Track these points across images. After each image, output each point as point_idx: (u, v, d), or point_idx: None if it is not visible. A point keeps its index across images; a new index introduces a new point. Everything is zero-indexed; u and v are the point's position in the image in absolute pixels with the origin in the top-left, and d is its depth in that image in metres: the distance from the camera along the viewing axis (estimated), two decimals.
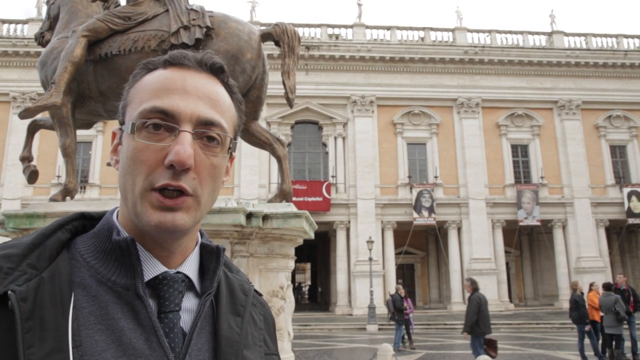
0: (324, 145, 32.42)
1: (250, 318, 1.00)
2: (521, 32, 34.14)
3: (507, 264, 32.48)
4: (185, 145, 0.86)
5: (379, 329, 22.70)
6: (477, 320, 10.64)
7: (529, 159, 32.80)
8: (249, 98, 4.98)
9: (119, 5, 5.34)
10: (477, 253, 30.46)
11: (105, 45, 4.78)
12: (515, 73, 33.00)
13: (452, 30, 33.78)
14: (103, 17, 4.82)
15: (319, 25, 33.33)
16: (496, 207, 31.48)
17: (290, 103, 4.97)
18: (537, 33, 34.31)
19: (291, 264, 4.71)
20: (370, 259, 26.18)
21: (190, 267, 0.95)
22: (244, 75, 4.75)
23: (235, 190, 29.97)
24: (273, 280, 4.37)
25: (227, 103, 0.97)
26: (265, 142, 5.08)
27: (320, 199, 29.98)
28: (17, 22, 31.96)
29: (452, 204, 31.30)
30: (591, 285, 13.69)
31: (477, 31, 34.07)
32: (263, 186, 30.45)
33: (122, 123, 0.94)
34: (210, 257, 0.99)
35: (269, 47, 5.52)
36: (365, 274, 27.51)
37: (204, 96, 0.92)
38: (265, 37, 5.02)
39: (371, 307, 23.52)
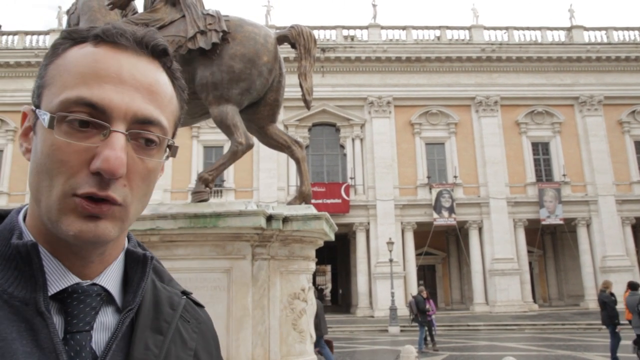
0: (342, 147, 32.38)
1: (178, 336, 0.84)
2: (539, 28, 33.66)
3: (530, 263, 32.00)
4: (117, 151, 0.72)
5: (401, 331, 22.55)
6: None
7: (550, 156, 32.28)
8: (267, 101, 4.99)
9: (136, 12, 5.40)
10: (499, 253, 30.07)
11: None
12: (534, 70, 32.55)
13: (469, 29, 33.48)
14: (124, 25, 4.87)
15: (334, 27, 33.34)
16: (517, 206, 31.04)
17: (307, 105, 4.96)
18: (556, 28, 33.81)
19: (312, 265, 4.69)
20: (391, 260, 26.05)
21: (110, 278, 0.81)
22: (261, 78, 4.76)
23: (254, 193, 30.13)
24: (294, 282, 4.36)
25: (169, 94, 0.83)
26: (284, 144, 5.08)
27: (339, 200, 29.94)
28: (38, 33, 32.67)
29: (473, 203, 30.97)
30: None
31: (494, 28, 33.71)
32: (282, 189, 30.53)
33: (36, 106, 0.78)
34: (135, 266, 0.85)
35: (284, 50, 5.52)
36: (386, 275, 27.37)
37: (142, 87, 0.77)
38: (282, 39, 5.02)
39: (392, 309, 23.38)
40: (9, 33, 33.34)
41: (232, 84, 4.61)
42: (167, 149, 0.83)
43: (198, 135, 31.16)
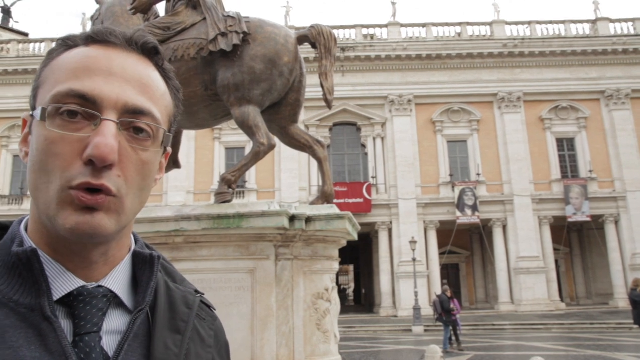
0: (363, 146, 32.30)
1: (196, 335, 0.85)
2: (563, 22, 33.03)
3: (556, 261, 31.42)
4: (107, 137, 0.72)
5: (425, 331, 22.38)
6: None
7: (576, 152, 31.66)
8: (288, 101, 5.00)
9: (158, 16, 5.46)
10: (524, 251, 29.61)
11: None
12: (558, 64, 31.96)
13: (490, 24, 33.05)
14: (144, 28, 4.93)
15: (354, 26, 33.26)
16: (542, 203, 30.53)
17: (328, 104, 4.95)
18: (580, 21, 33.12)
19: (335, 265, 4.67)
20: (414, 260, 25.88)
21: (117, 280, 0.81)
22: (282, 78, 4.76)
23: (276, 194, 30.27)
24: (318, 282, 4.35)
25: (162, 89, 0.84)
26: (305, 144, 5.07)
27: (361, 200, 29.86)
28: None
29: (496, 201, 30.56)
30: None
31: (516, 23, 33.21)
32: (304, 189, 30.59)
33: (33, 108, 0.79)
34: (143, 267, 0.85)
35: (305, 51, 5.52)
36: (409, 274, 27.21)
37: (132, 79, 0.78)
38: (302, 39, 5.02)
39: (416, 309, 23.22)
40: (36, 41, 34.16)
41: (253, 85, 4.63)
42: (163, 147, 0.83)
43: (220, 136, 31.43)
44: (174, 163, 5.14)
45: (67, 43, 0.81)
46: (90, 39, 0.80)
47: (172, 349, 0.80)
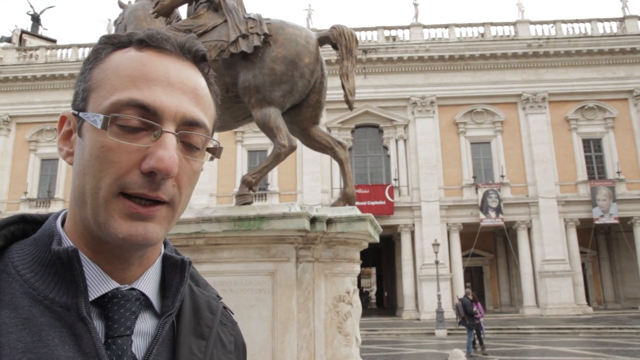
0: (385, 148, 32.15)
1: (218, 341, 0.86)
2: (589, 20, 32.37)
3: (582, 265, 30.71)
4: (170, 150, 0.73)
5: (448, 334, 22.11)
6: None
7: (603, 153, 30.97)
8: (309, 102, 4.98)
9: (180, 19, 5.51)
10: (549, 254, 29.06)
11: None
12: (584, 64, 31.33)
13: (514, 24, 32.59)
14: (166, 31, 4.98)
15: (376, 28, 33.16)
16: (568, 205, 29.92)
17: (350, 105, 4.91)
18: (607, 20, 32.41)
19: (357, 268, 4.63)
20: (437, 262, 25.64)
21: (148, 283, 0.82)
22: (303, 80, 4.74)
23: (298, 196, 30.31)
24: (339, 285, 4.31)
25: (209, 98, 0.85)
26: (327, 145, 5.05)
27: (384, 202, 29.71)
28: (90, 45, 34.03)
29: (521, 203, 30.07)
30: None
31: (541, 22, 32.67)
32: (325, 191, 30.59)
33: (80, 109, 0.78)
34: (173, 271, 0.85)
35: (325, 53, 5.50)
36: (432, 277, 26.95)
37: (188, 90, 0.79)
38: (323, 40, 4.99)
39: (439, 312, 22.99)
40: (63, 47, 34.94)
41: (274, 87, 4.62)
42: (208, 152, 0.85)
43: (242, 139, 31.65)
44: None
45: (113, 42, 0.80)
46: (144, 43, 0.79)
47: (196, 354, 0.81)
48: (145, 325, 0.79)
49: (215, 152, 0.85)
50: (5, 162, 32.63)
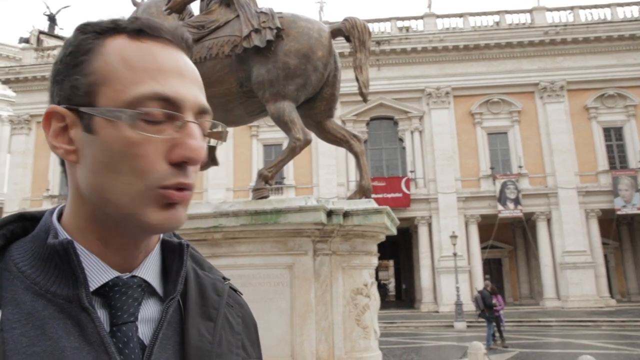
0: (401, 140, 31.98)
1: (225, 322, 0.87)
2: (608, 5, 31.67)
3: (605, 256, 30.24)
4: (198, 139, 0.76)
5: (467, 327, 22.01)
6: None
7: (625, 142, 30.37)
8: (323, 96, 4.97)
9: (192, 15, 5.53)
10: (570, 245, 28.67)
11: None
12: (603, 50, 30.70)
13: (530, 11, 32.07)
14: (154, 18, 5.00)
15: (389, 19, 32.90)
16: (589, 195, 29.44)
17: (364, 98, 4.89)
18: (628, 4, 31.64)
19: (374, 260, 4.62)
20: (455, 254, 25.49)
21: (149, 269, 0.82)
22: (317, 73, 4.73)
23: (314, 189, 30.34)
24: (357, 277, 4.31)
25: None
26: (342, 138, 5.04)
27: (400, 194, 29.60)
28: None
29: (540, 194, 29.69)
30: None
31: (558, 9, 32.08)
32: (341, 184, 30.57)
33: (83, 104, 0.75)
34: (172, 255, 0.86)
35: (339, 46, 5.47)
36: (450, 269, 26.81)
37: (196, 80, 0.81)
38: (335, 33, 4.97)
39: (458, 304, 22.89)
40: None
41: (287, 80, 4.62)
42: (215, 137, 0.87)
43: (257, 134, 31.76)
44: (212, 160, 5.19)
45: (97, 29, 0.79)
46: (141, 33, 0.78)
47: (205, 335, 0.82)
48: (150, 311, 0.80)
49: (221, 136, 0.86)
50: (27, 161, 33.25)
